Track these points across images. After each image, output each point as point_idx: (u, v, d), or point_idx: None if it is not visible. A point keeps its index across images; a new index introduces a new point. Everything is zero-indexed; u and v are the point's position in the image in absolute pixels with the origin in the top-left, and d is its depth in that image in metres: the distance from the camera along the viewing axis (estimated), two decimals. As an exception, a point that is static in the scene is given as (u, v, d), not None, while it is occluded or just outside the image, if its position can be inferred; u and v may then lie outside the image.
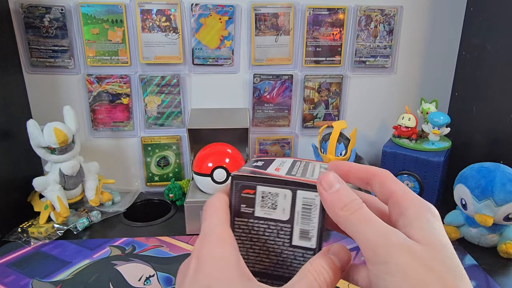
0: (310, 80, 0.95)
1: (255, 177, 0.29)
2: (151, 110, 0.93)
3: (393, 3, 0.91)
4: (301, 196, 0.28)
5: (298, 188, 0.28)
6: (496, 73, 0.82)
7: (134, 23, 0.86)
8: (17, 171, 0.83)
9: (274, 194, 0.29)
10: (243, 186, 0.29)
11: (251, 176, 0.29)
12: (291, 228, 0.29)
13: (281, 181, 0.29)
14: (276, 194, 0.29)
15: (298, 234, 0.29)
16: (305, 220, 0.29)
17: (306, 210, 0.28)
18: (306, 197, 0.28)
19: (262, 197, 0.29)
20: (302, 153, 1.01)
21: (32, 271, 0.66)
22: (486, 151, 0.85)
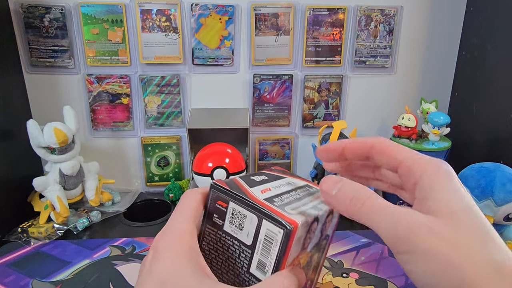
0: (310, 80, 0.95)
1: (230, 192, 0.28)
2: (151, 110, 0.93)
3: (393, 3, 0.91)
4: (266, 227, 0.27)
5: (265, 217, 0.27)
6: (496, 73, 0.82)
7: (134, 23, 0.86)
8: (17, 171, 0.83)
9: (243, 215, 0.28)
10: (217, 197, 0.29)
11: (227, 190, 0.28)
12: (251, 254, 0.28)
13: (251, 205, 0.27)
14: (245, 216, 0.28)
15: (256, 263, 0.28)
16: (264, 252, 0.27)
17: (267, 242, 0.27)
18: (270, 230, 0.27)
19: (232, 214, 0.28)
20: (302, 153, 1.01)
21: (32, 271, 0.66)
22: (486, 151, 0.85)
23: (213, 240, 0.29)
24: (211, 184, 0.29)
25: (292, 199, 0.30)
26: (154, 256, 0.26)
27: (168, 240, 0.26)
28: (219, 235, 0.29)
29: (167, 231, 0.27)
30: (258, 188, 0.30)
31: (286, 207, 0.28)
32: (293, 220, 0.26)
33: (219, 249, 0.29)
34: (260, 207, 0.27)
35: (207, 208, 0.30)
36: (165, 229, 0.27)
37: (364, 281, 0.63)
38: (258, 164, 1.00)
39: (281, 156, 1.00)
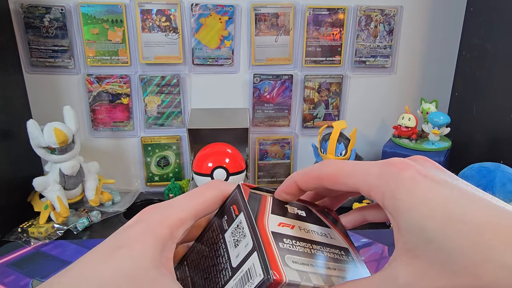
0: (310, 80, 0.95)
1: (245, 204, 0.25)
2: (151, 110, 0.93)
3: (393, 3, 0.91)
4: (252, 261, 0.23)
5: (257, 251, 0.23)
6: (496, 73, 0.82)
7: (134, 23, 0.86)
8: (17, 171, 0.83)
9: (243, 233, 0.25)
10: (235, 201, 0.27)
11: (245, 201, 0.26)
12: (229, 277, 0.25)
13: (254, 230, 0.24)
14: (244, 235, 0.25)
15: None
16: (240, 284, 0.24)
17: (246, 277, 0.24)
18: (254, 267, 0.23)
19: (237, 226, 0.26)
20: (302, 153, 1.01)
21: (32, 271, 0.66)
22: (486, 151, 0.85)
23: (211, 242, 0.28)
24: (238, 185, 0.27)
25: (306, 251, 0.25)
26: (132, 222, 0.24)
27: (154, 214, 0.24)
28: (218, 238, 0.27)
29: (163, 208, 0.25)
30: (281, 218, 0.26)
31: (288, 255, 0.24)
32: (281, 273, 0.22)
33: (210, 253, 0.27)
34: (259, 237, 0.24)
35: (223, 205, 0.28)
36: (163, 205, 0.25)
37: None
38: (258, 164, 1.00)
39: (281, 156, 1.00)
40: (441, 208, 0.20)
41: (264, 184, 1.02)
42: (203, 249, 0.28)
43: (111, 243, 0.23)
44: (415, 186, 0.21)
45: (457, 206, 0.20)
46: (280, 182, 1.05)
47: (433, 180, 0.22)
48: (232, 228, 0.26)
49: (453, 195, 0.21)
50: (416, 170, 0.22)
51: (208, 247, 0.28)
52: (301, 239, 0.26)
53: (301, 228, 0.27)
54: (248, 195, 0.27)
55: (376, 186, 0.23)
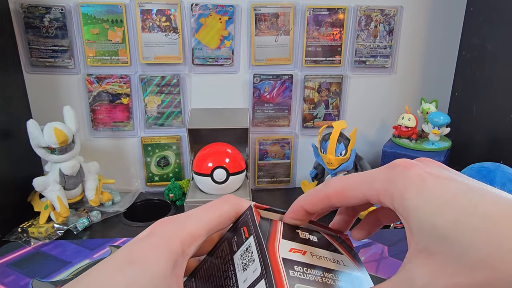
0: (310, 80, 0.95)
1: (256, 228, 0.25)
2: (151, 110, 0.93)
3: (393, 3, 0.91)
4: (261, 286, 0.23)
5: (265, 278, 0.23)
6: (496, 73, 0.82)
7: (134, 23, 0.86)
8: (17, 171, 0.83)
9: (252, 258, 0.24)
10: (246, 223, 0.26)
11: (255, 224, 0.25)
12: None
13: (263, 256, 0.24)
14: (253, 260, 0.24)
15: None
16: None
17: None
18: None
19: (246, 249, 0.25)
20: (302, 153, 1.01)
21: (32, 271, 0.66)
22: (486, 151, 0.85)
23: (221, 260, 0.27)
24: (250, 206, 0.26)
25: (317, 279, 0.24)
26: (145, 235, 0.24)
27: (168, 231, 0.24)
28: (227, 259, 0.26)
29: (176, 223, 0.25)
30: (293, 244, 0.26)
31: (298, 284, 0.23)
32: None
33: (219, 271, 0.27)
34: (268, 264, 0.23)
35: (235, 224, 0.27)
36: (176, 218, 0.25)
37: (364, 281, 0.63)
38: (258, 164, 1.00)
39: (281, 156, 1.00)
40: (450, 203, 0.20)
41: (264, 184, 1.02)
42: (212, 266, 0.28)
43: (123, 256, 0.23)
44: (422, 183, 0.21)
45: (466, 200, 0.20)
46: (280, 182, 1.05)
47: (440, 177, 0.21)
48: (241, 251, 0.26)
49: (461, 190, 0.21)
50: (422, 168, 0.22)
51: (217, 266, 0.27)
52: (313, 266, 0.25)
53: (312, 254, 0.26)
54: (260, 218, 0.26)
55: (384, 190, 0.23)
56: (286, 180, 1.03)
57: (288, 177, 1.02)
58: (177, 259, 0.23)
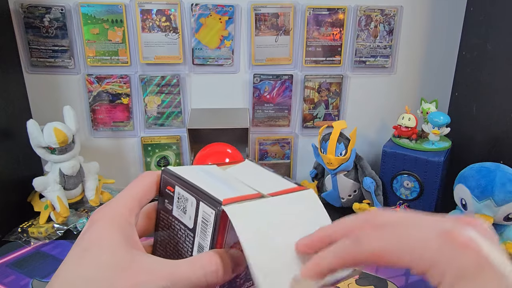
0: (310, 80, 0.95)
1: (176, 176, 0.28)
2: (151, 110, 0.93)
3: (393, 3, 0.91)
4: (202, 209, 0.26)
5: (201, 199, 0.26)
6: (496, 73, 0.82)
7: (134, 23, 0.86)
8: (17, 171, 0.83)
9: (185, 198, 0.28)
10: (167, 182, 0.29)
11: (174, 174, 0.28)
12: (193, 238, 0.27)
13: (192, 187, 0.27)
14: (186, 199, 0.27)
15: (197, 246, 0.27)
16: (202, 234, 0.26)
17: (204, 224, 0.26)
18: (205, 212, 0.26)
19: (178, 198, 0.28)
20: (302, 153, 1.01)
21: (32, 271, 0.66)
22: (486, 151, 0.85)
23: (166, 225, 0.30)
24: (162, 169, 0.29)
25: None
26: (86, 226, 0.26)
27: (105, 212, 0.26)
28: (170, 221, 0.29)
29: (108, 204, 0.27)
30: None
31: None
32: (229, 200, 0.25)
33: (170, 234, 0.29)
34: (199, 189, 0.26)
35: (160, 191, 0.30)
36: (107, 203, 0.27)
37: (364, 281, 0.63)
38: (258, 164, 1.00)
39: (281, 156, 1.00)
40: None
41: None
42: (163, 236, 0.30)
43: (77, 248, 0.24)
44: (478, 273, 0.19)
45: None
46: (280, 182, 1.04)
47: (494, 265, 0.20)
48: (175, 204, 0.28)
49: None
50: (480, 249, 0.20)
51: (166, 234, 0.30)
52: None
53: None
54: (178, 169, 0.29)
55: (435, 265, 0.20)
56: (286, 180, 1.03)
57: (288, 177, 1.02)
58: (124, 230, 0.25)
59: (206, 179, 0.28)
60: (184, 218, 0.28)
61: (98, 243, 0.24)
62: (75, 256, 0.24)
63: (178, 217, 0.28)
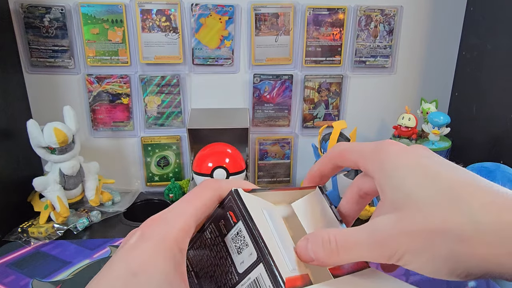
0: (310, 80, 0.95)
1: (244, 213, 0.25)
2: (151, 110, 0.93)
3: (393, 3, 0.91)
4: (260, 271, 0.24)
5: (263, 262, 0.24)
6: (496, 73, 0.82)
7: (134, 23, 0.86)
8: (17, 171, 0.83)
9: (245, 242, 0.25)
10: (231, 207, 0.26)
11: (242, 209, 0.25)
12: (237, 282, 0.25)
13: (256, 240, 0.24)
14: (247, 244, 0.25)
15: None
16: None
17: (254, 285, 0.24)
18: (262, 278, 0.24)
19: (237, 234, 0.26)
20: (302, 153, 1.01)
21: (32, 271, 0.66)
22: (486, 151, 0.85)
23: (212, 240, 0.27)
24: (232, 191, 0.26)
25: None
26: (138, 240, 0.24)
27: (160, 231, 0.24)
28: (218, 240, 0.27)
29: (165, 221, 0.25)
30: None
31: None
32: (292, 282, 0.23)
33: (213, 250, 0.27)
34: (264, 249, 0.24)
35: (219, 208, 0.27)
36: (164, 216, 0.25)
37: (364, 281, 0.63)
38: (258, 164, 1.00)
39: (281, 156, 1.00)
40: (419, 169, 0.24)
41: (264, 184, 1.02)
42: (203, 247, 0.28)
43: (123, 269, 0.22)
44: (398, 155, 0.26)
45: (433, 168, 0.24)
46: (280, 182, 1.05)
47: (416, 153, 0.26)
48: (232, 235, 0.26)
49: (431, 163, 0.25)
50: (403, 146, 0.26)
51: (208, 246, 0.28)
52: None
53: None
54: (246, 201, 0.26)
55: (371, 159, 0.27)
56: (286, 180, 1.03)
57: (288, 177, 1.02)
58: (176, 258, 0.23)
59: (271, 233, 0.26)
60: (234, 255, 0.26)
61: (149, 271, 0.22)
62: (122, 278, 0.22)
63: (229, 248, 0.26)
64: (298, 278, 0.24)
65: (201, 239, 0.28)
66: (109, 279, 0.22)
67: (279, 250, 0.25)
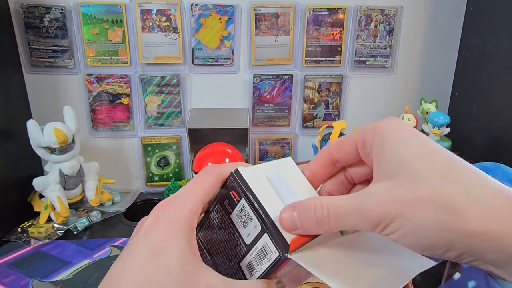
0: (310, 80, 0.95)
1: (244, 186, 0.28)
2: (151, 110, 0.93)
3: (393, 3, 0.91)
4: (265, 240, 0.26)
5: (267, 232, 0.26)
6: (496, 73, 0.82)
7: (134, 23, 0.86)
8: (17, 171, 0.83)
9: (249, 216, 0.27)
10: (233, 187, 0.28)
11: (244, 187, 0.28)
12: (245, 252, 0.28)
13: (260, 213, 0.27)
14: (251, 218, 0.27)
15: (247, 262, 0.28)
16: (257, 258, 0.27)
17: (262, 253, 0.27)
18: (268, 245, 0.26)
19: (241, 209, 0.28)
20: (302, 153, 1.01)
21: (32, 271, 0.66)
22: (486, 151, 0.85)
23: (218, 218, 0.30)
24: (232, 172, 0.28)
25: None
26: (153, 221, 0.26)
27: (171, 211, 0.26)
28: (225, 218, 0.29)
29: (175, 204, 0.27)
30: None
31: None
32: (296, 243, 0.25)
33: (221, 228, 0.30)
34: (267, 219, 0.26)
35: (223, 189, 0.29)
36: (173, 199, 0.27)
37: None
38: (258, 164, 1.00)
39: (281, 156, 1.00)
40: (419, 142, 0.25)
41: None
42: (211, 227, 0.30)
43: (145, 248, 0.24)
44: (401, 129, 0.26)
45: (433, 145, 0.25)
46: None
47: (415, 130, 0.26)
48: (236, 211, 0.28)
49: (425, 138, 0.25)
50: (401, 122, 0.27)
51: (217, 226, 0.30)
52: None
53: None
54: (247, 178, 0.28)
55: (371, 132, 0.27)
56: (286, 180, 1.03)
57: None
58: (188, 235, 0.25)
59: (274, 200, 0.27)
60: (241, 229, 0.28)
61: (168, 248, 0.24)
62: (146, 256, 0.24)
63: (235, 223, 0.28)
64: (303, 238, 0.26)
65: (209, 219, 0.30)
66: (134, 258, 0.24)
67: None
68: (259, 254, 0.27)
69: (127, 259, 0.24)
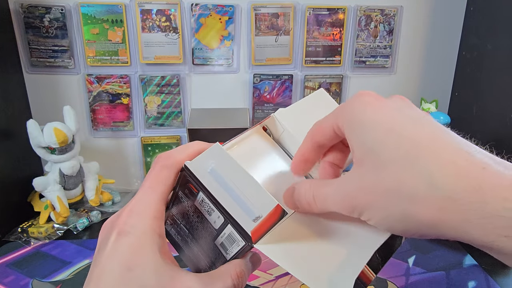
0: (310, 80, 0.95)
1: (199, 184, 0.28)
2: (151, 110, 0.93)
3: (393, 3, 0.91)
4: (230, 229, 0.27)
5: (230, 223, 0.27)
6: (496, 73, 0.82)
7: (134, 23, 0.86)
8: (17, 171, 0.83)
9: (211, 208, 0.28)
10: (187, 180, 0.28)
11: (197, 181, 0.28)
12: (216, 234, 0.29)
13: (218, 204, 0.27)
14: (213, 210, 0.28)
15: (219, 242, 0.29)
16: (227, 242, 0.28)
17: (230, 239, 0.28)
18: (233, 234, 0.27)
19: (202, 201, 0.28)
20: (302, 153, 1.01)
21: (32, 271, 0.66)
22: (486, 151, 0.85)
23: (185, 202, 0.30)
24: (183, 168, 0.28)
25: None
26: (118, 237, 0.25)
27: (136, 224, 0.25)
28: (190, 203, 0.30)
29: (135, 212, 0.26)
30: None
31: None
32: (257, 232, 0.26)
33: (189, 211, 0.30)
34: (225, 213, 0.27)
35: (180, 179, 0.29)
36: (133, 208, 0.26)
37: (364, 281, 0.63)
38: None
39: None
40: (384, 125, 0.23)
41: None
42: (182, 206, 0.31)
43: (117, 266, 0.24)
44: (366, 109, 0.25)
45: (399, 124, 0.23)
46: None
47: (386, 106, 0.25)
48: (198, 201, 0.29)
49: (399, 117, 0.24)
50: (373, 96, 0.25)
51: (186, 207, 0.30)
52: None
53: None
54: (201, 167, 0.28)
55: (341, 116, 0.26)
56: (286, 180, 1.03)
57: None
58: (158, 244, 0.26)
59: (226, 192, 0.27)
60: (208, 216, 0.29)
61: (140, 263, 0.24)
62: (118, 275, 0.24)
63: (201, 210, 0.29)
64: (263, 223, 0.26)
65: (177, 199, 0.31)
66: (106, 278, 0.24)
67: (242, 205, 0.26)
68: (228, 239, 0.28)
69: (99, 280, 0.24)
